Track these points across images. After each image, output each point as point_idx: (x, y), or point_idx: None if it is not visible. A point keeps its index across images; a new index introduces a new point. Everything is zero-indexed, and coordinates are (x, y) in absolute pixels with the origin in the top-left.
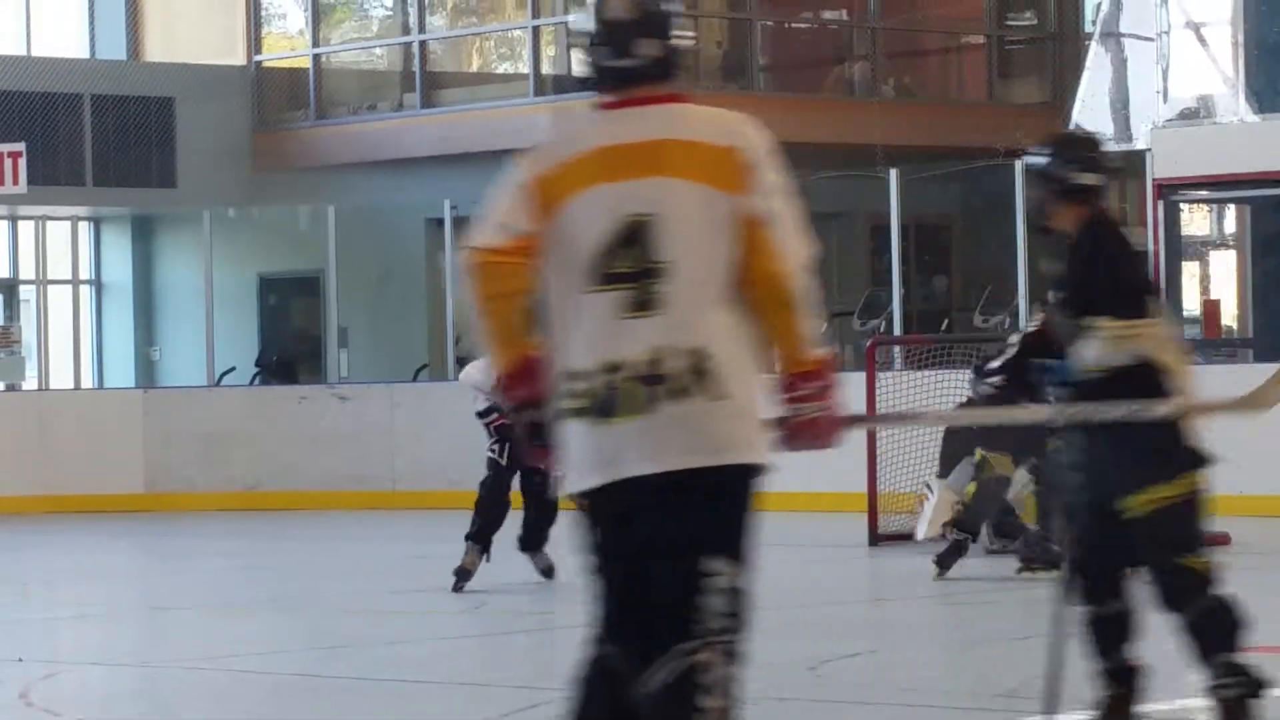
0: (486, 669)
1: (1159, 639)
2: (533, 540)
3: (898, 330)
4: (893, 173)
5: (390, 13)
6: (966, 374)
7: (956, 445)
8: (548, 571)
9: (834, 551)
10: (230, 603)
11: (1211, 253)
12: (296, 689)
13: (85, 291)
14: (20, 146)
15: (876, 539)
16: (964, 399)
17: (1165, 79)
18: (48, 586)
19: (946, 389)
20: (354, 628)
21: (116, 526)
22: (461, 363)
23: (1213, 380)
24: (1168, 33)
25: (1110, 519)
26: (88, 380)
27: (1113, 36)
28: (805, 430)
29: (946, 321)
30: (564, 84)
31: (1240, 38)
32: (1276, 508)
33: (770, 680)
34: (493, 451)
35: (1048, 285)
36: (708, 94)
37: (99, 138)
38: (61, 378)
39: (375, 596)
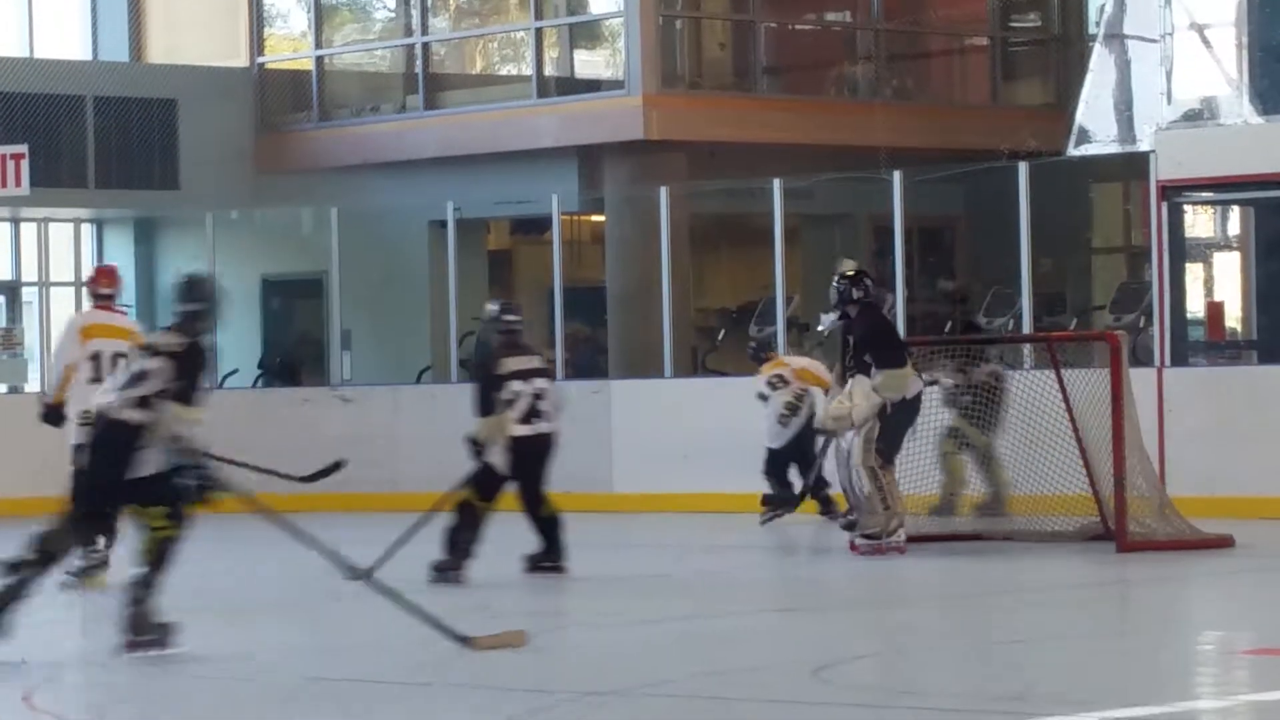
0: (495, 671)
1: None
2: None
3: (901, 333)
4: (896, 175)
5: (393, 14)
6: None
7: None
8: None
9: (838, 554)
10: (234, 605)
11: (1215, 255)
12: (302, 692)
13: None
14: (23, 148)
15: None
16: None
17: (1169, 81)
18: (51, 589)
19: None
20: (359, 630)
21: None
22: (464, 365)
23: (1218, 383)
24: (1171, 34)
25: None
26: None
27: (1116, 38)
28: None
29: (950, 324)
30: (567, 86)
31: (1244, 39)
32: None
33: (774, 683)
34: None
35: None
36: (711, 96)
37: (101, 140)
38: None
39: (380, 599)
